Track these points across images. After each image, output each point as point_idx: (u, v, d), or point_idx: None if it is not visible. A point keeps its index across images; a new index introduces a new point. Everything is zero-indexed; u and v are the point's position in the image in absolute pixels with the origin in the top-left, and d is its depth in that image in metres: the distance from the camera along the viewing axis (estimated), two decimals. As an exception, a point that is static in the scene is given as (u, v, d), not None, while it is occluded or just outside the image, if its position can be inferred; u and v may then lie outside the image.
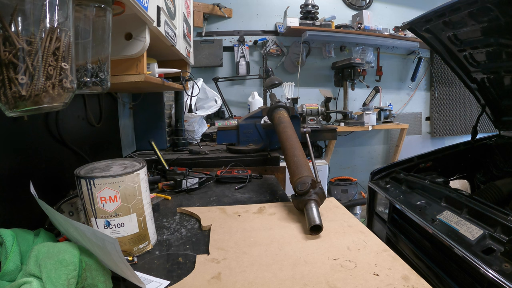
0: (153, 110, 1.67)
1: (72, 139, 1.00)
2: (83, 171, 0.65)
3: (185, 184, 1.12)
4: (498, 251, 0.93)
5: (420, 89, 3.53)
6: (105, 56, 0.64)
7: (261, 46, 3.01)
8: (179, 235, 0.79)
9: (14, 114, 0.42)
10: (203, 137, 1.95)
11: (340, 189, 2.92)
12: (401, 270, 0.59)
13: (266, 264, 0.63)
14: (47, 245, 0.50)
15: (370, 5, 3.27)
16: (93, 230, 0.48)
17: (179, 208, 0.95)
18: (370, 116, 2.88)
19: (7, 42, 0.39)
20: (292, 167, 0.99)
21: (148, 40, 0.78)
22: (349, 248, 0.68)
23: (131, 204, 0.65)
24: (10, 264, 0.49)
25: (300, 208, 0.86)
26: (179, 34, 1.13)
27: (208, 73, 2.95)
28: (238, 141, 1.55)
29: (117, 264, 0.50)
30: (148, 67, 0.92)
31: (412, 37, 3.01)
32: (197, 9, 2.77)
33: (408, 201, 1.39)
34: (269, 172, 1.40)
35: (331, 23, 2.93)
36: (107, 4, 0.61)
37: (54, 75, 0.43)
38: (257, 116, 1.58)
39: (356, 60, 2.79)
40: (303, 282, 0.56)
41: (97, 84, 0.63)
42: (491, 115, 1.94)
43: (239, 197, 1.07)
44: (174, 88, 1.36)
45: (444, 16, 1.46)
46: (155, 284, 0.57)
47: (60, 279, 0.45)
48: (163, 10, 0.86)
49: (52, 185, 0.89)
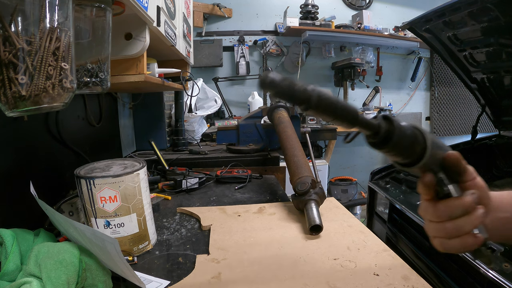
0: (153, 110, 1.67)
1: (72, 139, 1.00)
2: (83, 171, 0.65)
3: (185, 184, 1.12)
4: (498, 251, 0.93)
5: (420, 89, 3.53)
6: (105, 56, 0.64)
7: (261, 46, 3.01)
8: (179, 235, 0.79)
9: (14, 114, 0.42)
10: (203, 137, 1.95)
11: (340, 189, 2.92)
12: (401, 270, 0.59)
13: (266, 264, 0.63)
14: (47, 245, 0.50)
15: (370, 5, 3.27)
16: (93, 230, 0.48)
17: (179, 208, 0.95)
18: (370, 116, 2.87)
19: (7, 42, 0.39)
20: (292, 167, 0.99)
21: (148, 40, 0.78)
22: (349, 248, 0.68)
23: (131, 204, 0.65)
24: (10, 264, 0.49)
25: (300, 208, 0.86)
26: (179, 34, 1.13)
27: (208, 73, 2.95)
28: (238, 141, 1.55)
29: (117, 264, 0.50)
30: (148, 67, 0.92)
31: (412, 37, 3.00)
32: (197, 9, 2.77)
33: (408, 201, 1.39)
34: (269, 172, 1.40)
35: (331, 23, 2.93)
36: (107, 4, 0.61)
37: (54, 75, 0.43)
38: (257, 116, 1.58)
39: (356, 60, 2.78)
40: (303, 282, 0.56)
41: (97, 84, 0.63)
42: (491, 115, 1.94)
43: (239, 197, 1.07)
44: (174, 88, 1.36)
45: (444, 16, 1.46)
46: (155, 284, 0.57)
47: (60, 279, 0.45)
48: (163, 10, 0.86)
49: (52, 185, 0.89)
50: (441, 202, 0.35)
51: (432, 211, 0.35)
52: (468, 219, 0.34)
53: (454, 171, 0.35)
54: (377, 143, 0.30)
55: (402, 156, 0.32)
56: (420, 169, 0.32)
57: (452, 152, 0.34)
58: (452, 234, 0.35)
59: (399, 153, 0.31)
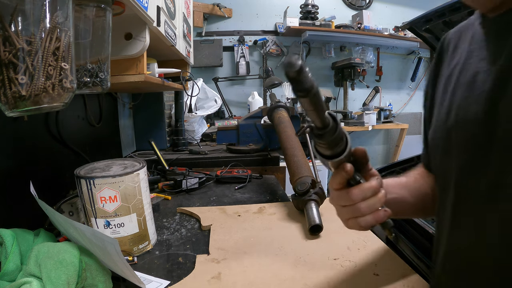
0: (153, 110, 1.66)
1: (72, 139, 1.00)
2: (83, 171, 0.65)
3: (185, 184, 1.12)
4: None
5: (420, 89, 3.53)
6: (105, 56, 0.64)
7: (261, 46, 3.01)
8: (179, 235, 0.79)
9: (14, 114, 0.42)
10: (203, 137, 1.95)
11: (340, 189, 2.91)
12: (401, 270, 0.59)
13: (266, 264, 0.63)
14: (47, 245, 0.50)
15: (370, 5, 3.27)
16: (92, 230, 0.48)
17: (179, 208, 0.95)
18: (370, 116, 2.88)
19: (7, 42, 0.39)
20: (292, 167, 0.99)
21: (148, 40, 0.78)
22: (349, 248, 0.68)
23: (131, 204, 0.65)
24: (10, 264, 0.49)
25: (300, 208, 0.86)
26: (179, 34, 1.13)
27: (208, 73, 2.95)
28: (238, 141, 1.55)
29: (117, 264, 0.50)
30: (148, 67, 0.92)
31: (412, 37, 3.00)
32: (197, 9, 2.77)
33: (408, 201, 1.39)
34: (269, 172, 1.40)
35: (331, 23, 2.93)
36: (107, 4, 0.61)
37: (54, 75, 0.43)
38: (257, 116, 1.58)
39: (356, 60, 2.78)
40: (303, 282, 0.56)
41: (97, 84, 0.63)
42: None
43: (239, 197, 1.07)
44: (174, 88, 1.36)
45: (444, 16, 1.46)
46: (155, 284, 0.57)
47: (60, 279, 0.45)
48: (163, 10, 0.86)
49: (52, 185, 0.89)
50: (354, 187, 0.42)
51: (346, 197, 0.42)
52: (376, 198, 0.42)
53: (360, 163, 0.43)
54: (321, 135, 0.36)
55: (330, 150, 0.38)
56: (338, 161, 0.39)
57: (360, 147, 0.42)
58: (366, 212, 0.43)
59: (330, 147, 0.37)
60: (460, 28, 0.52)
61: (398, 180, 0.59)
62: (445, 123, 0.45)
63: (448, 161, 0.45)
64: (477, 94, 0.40)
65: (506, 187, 0.36)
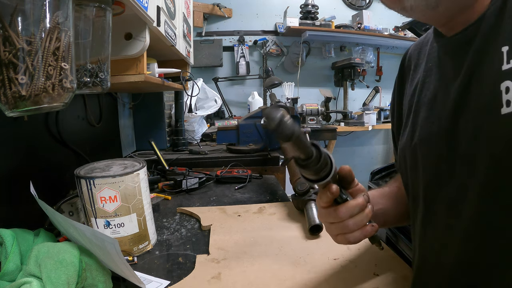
0: (153, 110, 1.66)
1: (72, 139, 1.00)
2: (83, 171, 0.65)
3: (185, 184, 1.12)
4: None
5: (420, 89, 3.52)
6: (105, 56, 0.64)
7: (261, 46, 3.01)
8: (179, 235, 0.79)
9: (14, 114, 0.42)
10: (203, 137, 1.95)
11: (340, 189, 2.91)
12: (401, 270, 0.59)
13: (266, 264, 0.63)
14: (47, 245, 0.50)
15: (370, 5, 3.27)
16: (92, 230, 0.48)
17: (179, 208, 0.95)
18: (370, 116, 2.87)
19: (7, 42, 0.39)
20: (292, 167, 0.99)
21: (148, 40, 0.78)
22: (349, 248, 0.68)
23: (131, 204, 0.65)
24: (10, 264, 0.49)
25: (300, 208, 0.86)
26: (179, 34, 1.13)
27: (208, 73, 2.95)
28: (238, 141, 1.55)
29: (117, 264, 0.50)
30: (148, 67, 0.92)
31: (412, 37, 3.00)
32: (197, 9, 2.77)
33: (408, 201, 1.39)
34: (269, 172, 1.40)
35: (331, 23, 2.93)
36: (107, 4, 0.61)
37: (54, 75, 0.43)
38: (257, 116, 1.58)
39: (356, 60, 2.78)
40: (303, 282, 0.56)
41: (97, 84, 0.62)
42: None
43: (239, 197, 1.07)
44: (174, 88, 1.36)
45: (444, 16, 1.46)
46: (155, 284, 0.57)
47: (60, 279, 0.45)
48: (163, 10, 0.86)
49: (52, 185, 0.89)
50: (341, 206, 0.43)
51: (334, 215, 0.43)
52: (363, 214, 0.43)
53: (346, 181, 0.44)
54: (305, 165, 0.36)
55: (316, 175, 0.39)
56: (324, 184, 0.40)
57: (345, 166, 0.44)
58: (354, 229, 0.43)
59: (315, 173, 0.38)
60: (419, 45, 0.54)
61: (382, 190, 0.61)
62: (411, 142, 0.47)
63: (416, 175, 0.46)
64: (437, 114, 0.42)
65: (467, 202, 0.36)
